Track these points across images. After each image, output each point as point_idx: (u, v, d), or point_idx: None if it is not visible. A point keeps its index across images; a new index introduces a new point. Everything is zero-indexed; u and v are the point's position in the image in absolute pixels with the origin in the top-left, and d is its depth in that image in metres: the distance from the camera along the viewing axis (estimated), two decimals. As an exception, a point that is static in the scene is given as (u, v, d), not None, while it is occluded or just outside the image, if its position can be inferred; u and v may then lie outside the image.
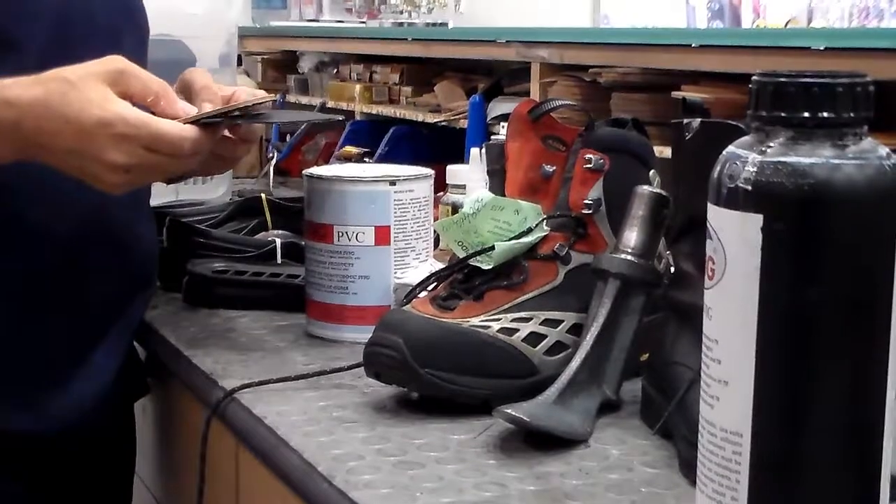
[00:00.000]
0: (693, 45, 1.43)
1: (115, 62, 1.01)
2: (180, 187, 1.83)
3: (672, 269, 0.98)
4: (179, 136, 1.01)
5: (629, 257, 0.98)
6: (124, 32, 1.20)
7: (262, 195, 1.61)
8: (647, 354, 1.02)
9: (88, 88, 0.99)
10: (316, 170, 1.25)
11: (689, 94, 1.41)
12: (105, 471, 1.31)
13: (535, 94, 1.72)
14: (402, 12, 2.95)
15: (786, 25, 3.82)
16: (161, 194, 1.73)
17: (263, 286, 1.36)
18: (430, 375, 0.97)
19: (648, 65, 1.54)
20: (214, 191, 1.86)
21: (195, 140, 1.02)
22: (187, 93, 1.12)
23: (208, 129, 1.04)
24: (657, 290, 0.99)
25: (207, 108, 1.07)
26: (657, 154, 1.12)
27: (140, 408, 1.38)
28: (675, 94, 1.46)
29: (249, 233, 1.55)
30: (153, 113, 1.02)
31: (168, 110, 1.02)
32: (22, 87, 0.99)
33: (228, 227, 1.56)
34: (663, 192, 1.00)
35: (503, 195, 1.06)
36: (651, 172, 1.06)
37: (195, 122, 1.03)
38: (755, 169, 0.64)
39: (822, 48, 1.23)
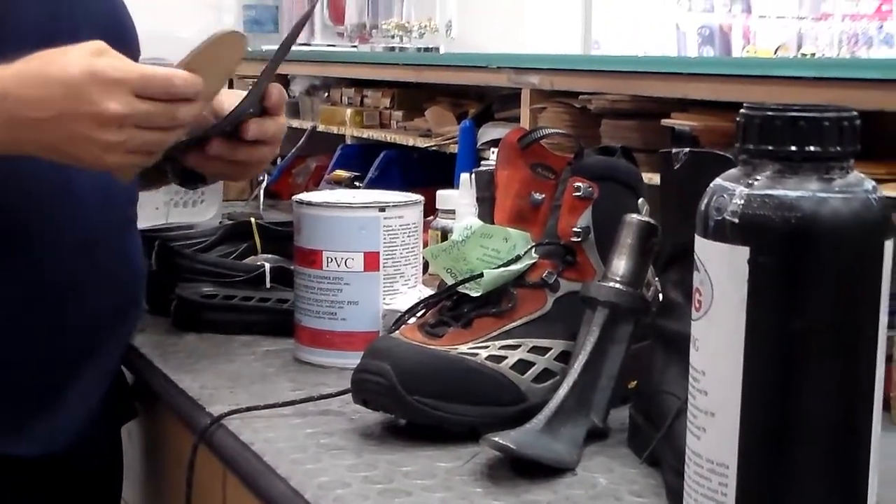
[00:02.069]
0: (683, 73, 1.43)
1: (95, 42, 0.99)
2: (170, 210, 1.83)
3: (660, 298, 0.98)
4: (168, 75, 0.98)
5: (617, 285, 0.98)
6: None
7: (252, 219, 1.61)
8: (635, 382, 1.02)
9: (67, 52, 0.97)
10: (305, 196, 1.25)
11: (679, 122, 1.42)
12: (91, 495, 1.30)
13: (525, 119, 1.73)
14: (393, 37, 2.96)
15: (776, 52, 3.84)
16: (150, 217, 1.73)
17: (252, 311, 1.36)
18: (418, 402, 0.97)
19: (638, 92, 1.54)
20: (204, 214, 1.87)
21: (185, 79, 0.99)
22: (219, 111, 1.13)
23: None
24: (645, 319, 0.99)
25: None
26: (646, 181, 1.12)
27: (126, 432, 1.37)
28: (665, 121, 1.46)
29: (239, 257, 1.55)
30: None
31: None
32: (2, 68, 0.98)
33: (218, 251, 1.56)
34: (652, 221, 1.00)
35: (492, 223, 1.06)
36: (640, 201, 1.06)
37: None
38: (742, 202, 0.65)
39: (811, 77, 1.24)
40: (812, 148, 0.65)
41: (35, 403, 1.17)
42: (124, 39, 1.25)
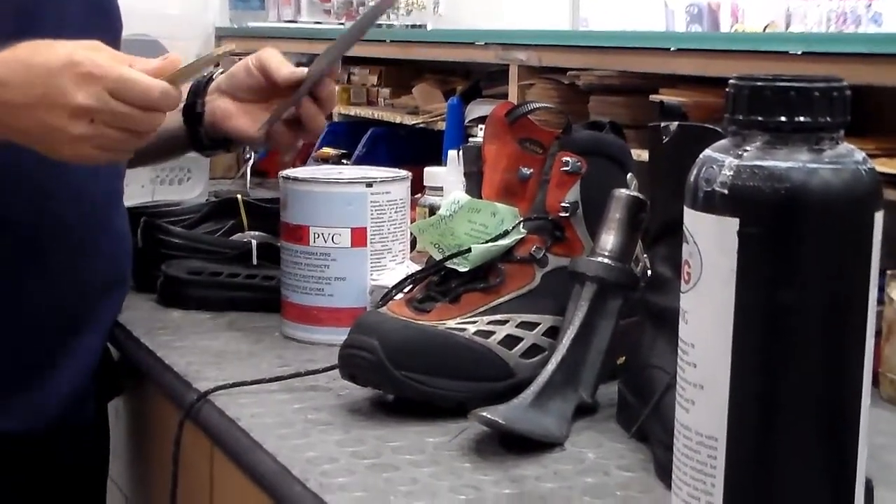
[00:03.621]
0: (671, 49, 1.43)
1: (92, 42, 0.99)
2: (157, 188, 1.82)
3: (649, 273, 0.98)
4: (150, 83, 0.97)
5: (606, 260, 0.98)
6: (96, 31, 1.19)
7: (239, 196, 1.60)
8: (624, 357, 1.01)
9: (59, 43, 0.97)
10: (292, 171, 1.24)
11: (667, 97, 1.41)
12: (78, 471, 1.30)
13: (513, 96, 1.72)
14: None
15: (764, 30, 3.84)
16: (136, 195, 1.72)
17: (239, 287, 1.36)
18: (406, 378, 0.96)
19: (627, 68, 1.54)
20: (190, 192, 1.86)
21: (164, 92, 0.98)
22: (265, 71, 1.17)
23: (178, 88, 1.02)
24: (634, 294, 0.99)
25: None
26: (635, 157, 1.12)
27: (113, 409, 1.37)
28: (653, 97, 1.46)
29: (225, 234, 1.54)
30: None
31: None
32: None
33: (204, 227, 1.55)
34: (640, 196, 1.00)
35: (480, 197, 1.06)
36: (628, 176, 1.05)
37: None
38: (732, 173, 0.64)
39: (799, 52, 1.23)
40: (802, 118, 0.64)
41: (21, 379, 1.17)
42: (108, 16, 1.24)
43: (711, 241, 0.65)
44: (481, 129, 1.57)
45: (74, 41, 0.98)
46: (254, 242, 1.40)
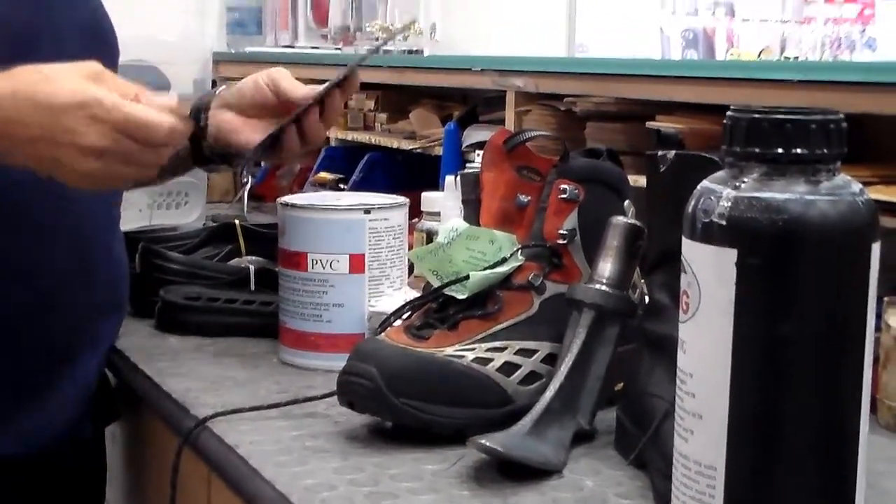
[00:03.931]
0: (668, 76, 1.44)
1: (92, 64, 0.99)
2: (154, 212, 1.83)
3: (646, 300, 0.98)
4: (157, 122, 0.98)
5: (604, 287, 0.98)
6: (93, 57, 1.20)
7: (236, 221, 1.61)
8: (622, 384, 1.02)
9: (61, 77, 0.97)
10: (290, 198, 1.25)
11: (664, 124, 1.42)
12: (75, 495, 1.30)
13: (510, 122, 1.73)
14: (377, 39, 2.95)
15: (759, 55, 3.85)
16: (133, 219, 1.72)
17: (236, 313, 1.36)
18: (404, 405, 0.96)
19: (623, 95, 1.55)
20: (188, 216, 1.86)
21: (172, 128, 0.99)
22: (276, 89, 1.18)
23: (188, 121, 1.03)
24: (632, 321, 0.99)
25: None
26: (632, 183, 1.12)
27: (110, 434, 1.36)
28: (650, 124, 1.46)
29: (223, 259, 1.54)
30: None
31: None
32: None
33: (201, 253, 1.56)
34: (638, 223, 1.00)
35: (478, 225, 1.06)
36: (626, 203, 1.06)
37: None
38: (729, 204, 0.65)
39: (796, 80, 1.24)
40: (799, 150, 0.65)
41: (18, 403, 1.17)
42: (105, 43, 1.24)
43: (710, 272, 0.65)
44: (478, 154, 1.58)
45: (73, 66, 0.98)
46: (252, 268, 1.40)
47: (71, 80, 0.97)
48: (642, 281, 1.01)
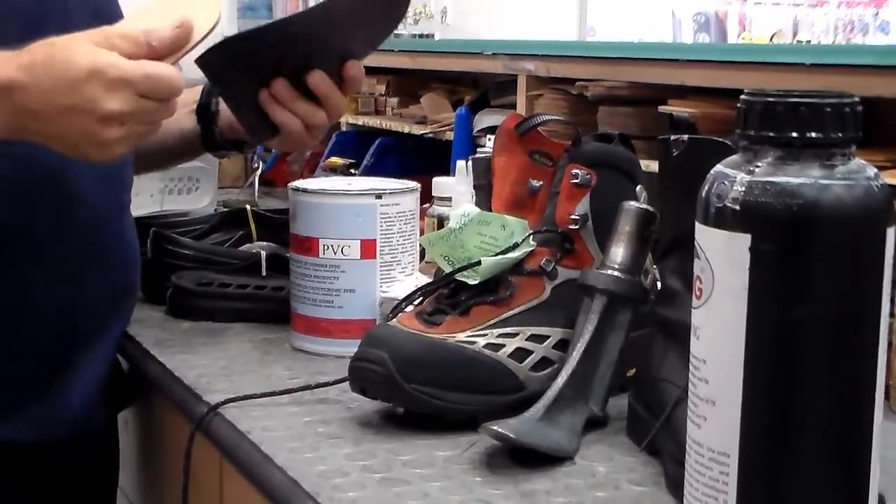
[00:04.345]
0: (680, 60, 1.43)
1: (103, 31, 0.99)
2: (165, 198, 1.83)
3: (659, 285, 0.98)
4: (172, 77, 0.98)
5: (616, 273, 0.98)
6: None
7: (248, 206, 1.61)
8: (634, 370, 1.01)
9: (73, 46, 0.97)
10: (301, 183, 1.24)
11: (676, 108, 1.41)
12: (88, 482, 1.30)
13: (521, 106, 1.72)
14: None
15: (771, 38, 3.84)
16: (145, 204, 1.72)
17: (248, 299, 1.36)
18: (416, 391, 0.96)
19: (635, 79, 1.54)
20: (199, 201, 1.86)
21: (181, 77, 0.99)
22: None
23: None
24: (644, 306, 0.99)
25: None
26: (644, 168, 1.12)
27: (123, 420, 1.37)
28: (662, 108, 1.46)
29: (234, 244, 1.54)
30: None
31: (161, 50, 1.00)
32: (5, 59, 0.97)
33: (213, 238, 1.56)
34: (650, 208, 1.00)
35: (489, 210, 1.06)
36: (638, 188, 1.05)
37: None
38: (743, 189, 0.64)
39: (808, 64, 1.23)
40: (813, 134, 0.65)
41: (32, 389, 1.17)
42: (111, 23, 1.24)
43: (723, 257, 0.65)
44: (489, 139, 1.57)
45: (84, 35, 0.98)
46: (263, 253, 1.40)
47: (82, 47, 0.96)
48: (654, 266, 1.00)
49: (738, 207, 0.64)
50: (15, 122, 0.98)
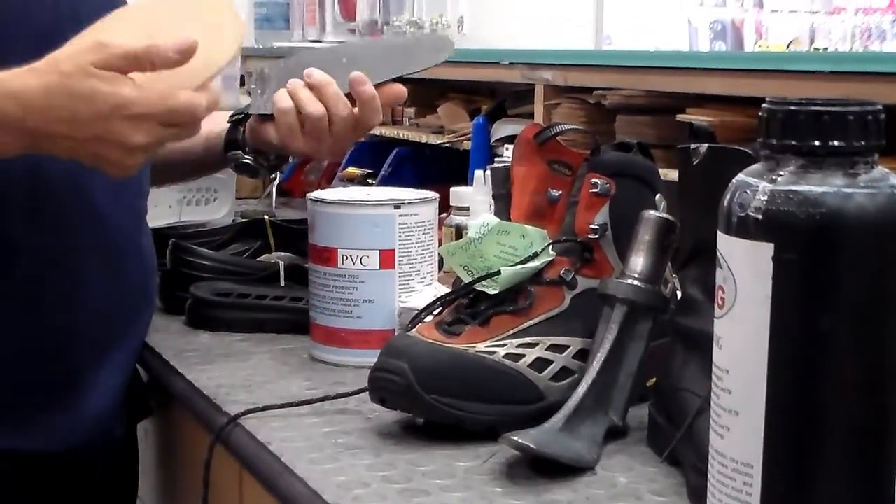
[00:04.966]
0: (698, 68, 1.43)
1: (98, 41, 0.98)
2: (183, 208, 1.83)
3: (679, 295, 0.97)
4: (195, 105, 0.99)
5: (636, 282, 0.98)
6: None
7: (265, 217, 1.61)
8: (654, 380, 1.01)
9: (89, 76, 0.96)
10: (320, 193, 1.24)
11: (695, 117, 1.41)
12: (108, 492, 1.30)
13: (539, 116, 1.72)
14: (405, 33, 2.95)
15: (788, 46, 3.82)
16: (163, 215, 1.73)
17: (267, 309, 1.36)
18: (436, 401, 0.96)
19: (653, 88, 1.53)
20: (217, 212, 1.86)
21: (210, 103, 1.00)
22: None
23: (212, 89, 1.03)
24: (664, 316, 0.98)
25: None
26: (662, 177, 1.11)
27: (142, 431, 1.37)
28: (681, 116, 1.45)
29: (252, 255, 1.55)
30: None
31: (161, 63, 0.99)
32: (21, 80, 0.97)
33: (231, 249, 1.56)
34: (670, 217, 0.99)
35: (509, 219, 1.06)
36: (657, 197, 1.05)
37: None
38: (766, 198, 0.64)
39: (827, 71, 1.23)
40: (836, 142, 0.64)
41: (51, 399, 1.17)
42: None
43: (746, 267, 0.65)
44: (507, 148, 1.57)
45: (84, 57, 0.97)
46: (281, 264, 1.40)
47: (92, 81, 0.96)
48: (674, 276, 1.00)
49: (760, 217, 0.64)
50: (32, 143, 0.99)
